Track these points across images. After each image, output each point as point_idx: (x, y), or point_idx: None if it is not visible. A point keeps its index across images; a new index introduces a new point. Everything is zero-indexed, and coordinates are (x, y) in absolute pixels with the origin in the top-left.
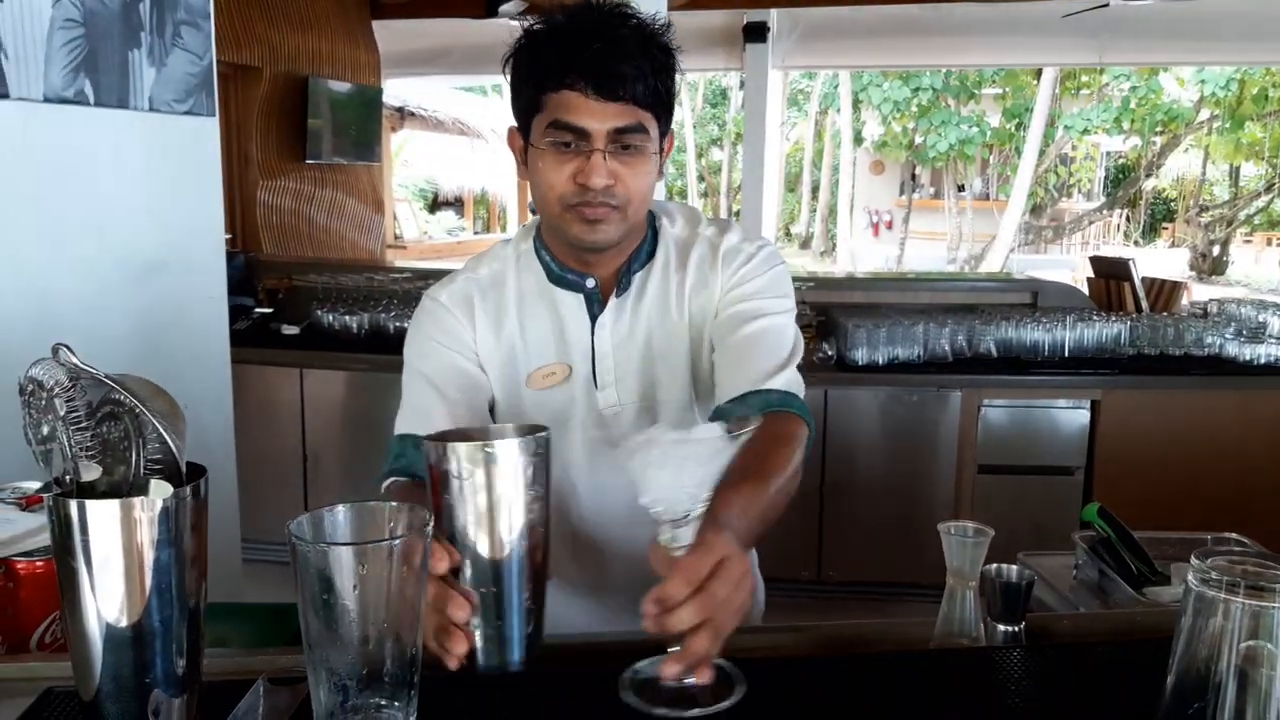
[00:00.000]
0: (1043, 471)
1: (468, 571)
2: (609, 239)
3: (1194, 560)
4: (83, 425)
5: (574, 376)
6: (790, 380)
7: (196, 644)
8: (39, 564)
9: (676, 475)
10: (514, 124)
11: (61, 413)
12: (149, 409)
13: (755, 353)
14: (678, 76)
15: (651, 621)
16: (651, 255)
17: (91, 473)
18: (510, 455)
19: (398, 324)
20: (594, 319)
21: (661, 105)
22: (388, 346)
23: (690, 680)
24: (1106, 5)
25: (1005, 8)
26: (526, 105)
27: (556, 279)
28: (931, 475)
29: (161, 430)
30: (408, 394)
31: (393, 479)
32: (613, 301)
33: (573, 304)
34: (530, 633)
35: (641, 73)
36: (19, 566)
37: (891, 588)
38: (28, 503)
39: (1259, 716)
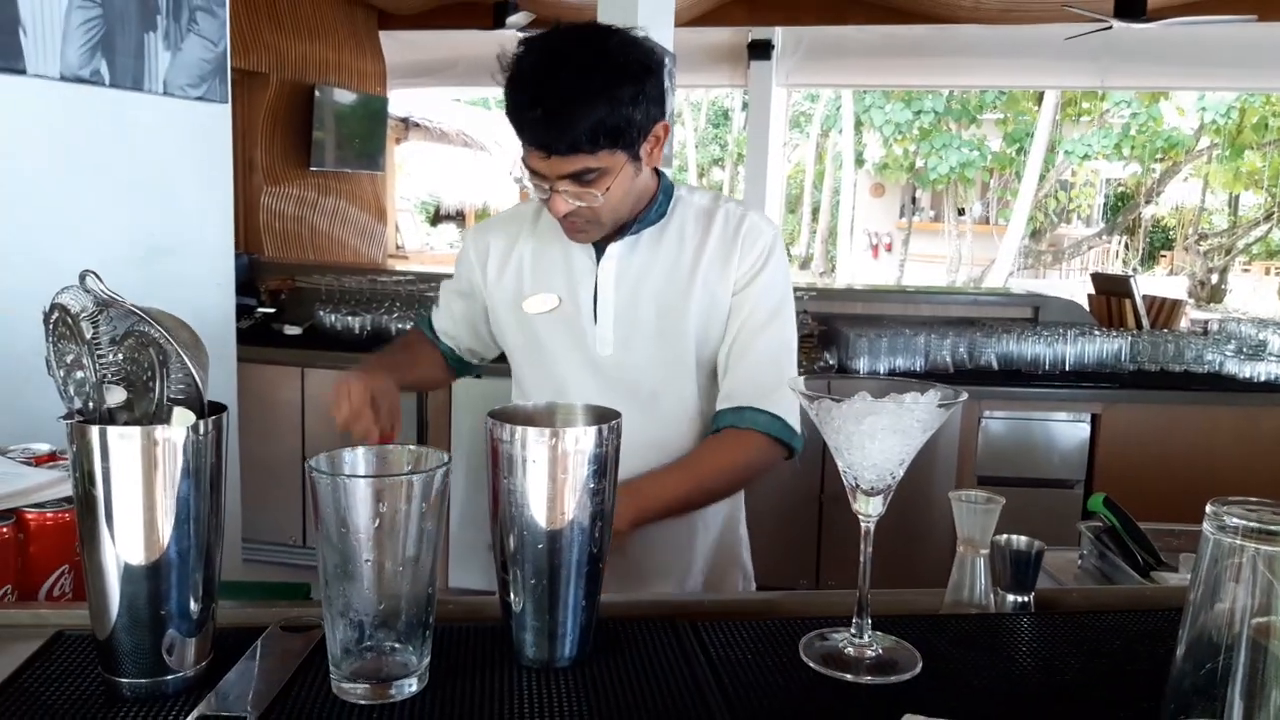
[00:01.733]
0: (1042, 484)
1: (524, 561)
2: (591, 239)
3: (1209, 509)
4: (106, 351)
5: (568, 308)
6: (786, 408)
7: (211, 583)
8: (49, 516)
9: (902, 440)
10: None
11: (88, 336)
12: (175, 340)
13: (761, 367)
14: (655, 86)
15: None
16: (662, 217)
17: (116, 396)
18: (579, 442)
19: (400, 325)
20: (599, 256)
21: (619, 135)
22: None
23: (873, 651)
24: (1109, 28)
25: (1008, 29)
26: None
27: None
28: (931, 485)
29: (187, 361)
30: (444, 289)
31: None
32: (613, 246)
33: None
34: (584, 628)
35: (585, 125)
36: (29, 518)
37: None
38: (37, 462)
39: (1276, 679)
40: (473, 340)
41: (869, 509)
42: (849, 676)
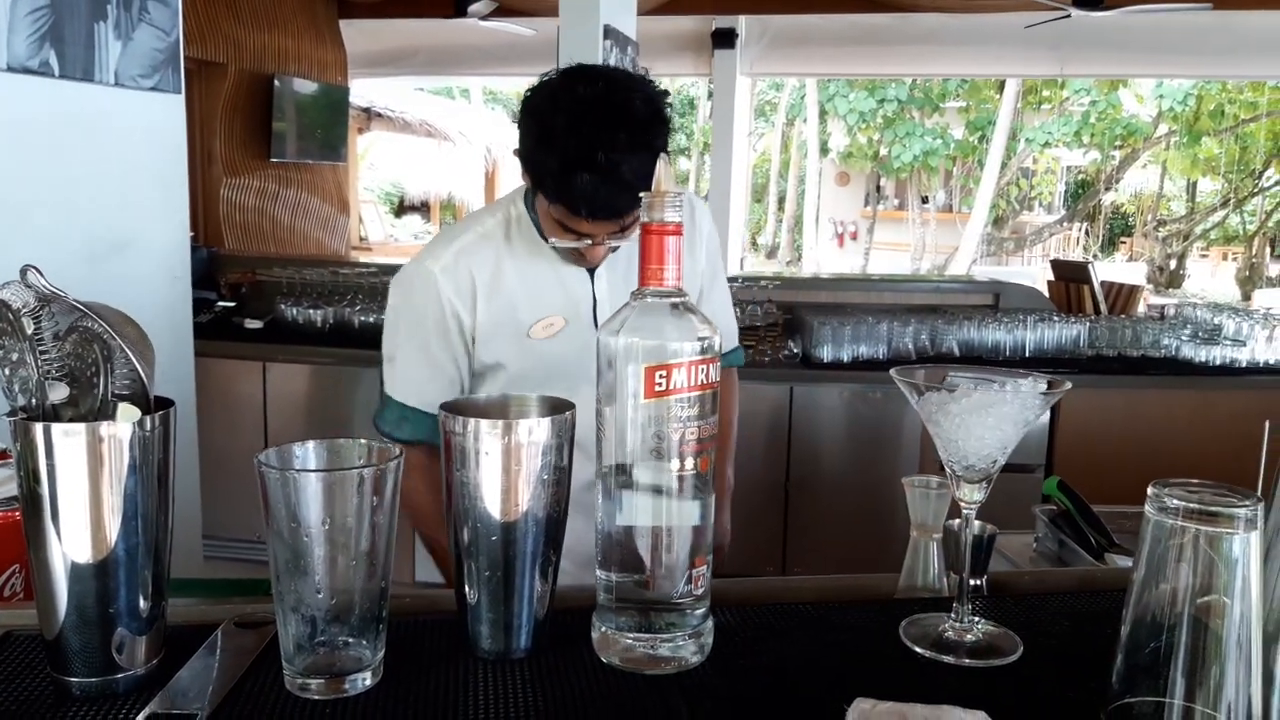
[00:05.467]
0: (1003, 469)
1: (478, 553)
2: (599, 263)
3: (1151, 490)
4: (49, 348)
5: (574, 326)
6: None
7: (161, 580)
8: None
9: (1002, 428)
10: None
11: (29, 332)
12: (119, 334)
13: (726, 314)
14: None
15: None
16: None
17: (58, 393)
18: (532, 434)
19: (363, 318)
20: (592, 271)
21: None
22: (353, 340)
23: (970, 636)
24: (1068, 16)
25: (969, 18)
26: (534, 177)
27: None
28: (894, 471)
29: (131, 356)
30: (402, 361)
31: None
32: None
33: (569, 257)
34: (540, 620)
35: (639, 183)
36: None
37: None
38: None
39: (1217, 657)
40: (450, 391)
41: (970, 497)
42: (949, 659)
